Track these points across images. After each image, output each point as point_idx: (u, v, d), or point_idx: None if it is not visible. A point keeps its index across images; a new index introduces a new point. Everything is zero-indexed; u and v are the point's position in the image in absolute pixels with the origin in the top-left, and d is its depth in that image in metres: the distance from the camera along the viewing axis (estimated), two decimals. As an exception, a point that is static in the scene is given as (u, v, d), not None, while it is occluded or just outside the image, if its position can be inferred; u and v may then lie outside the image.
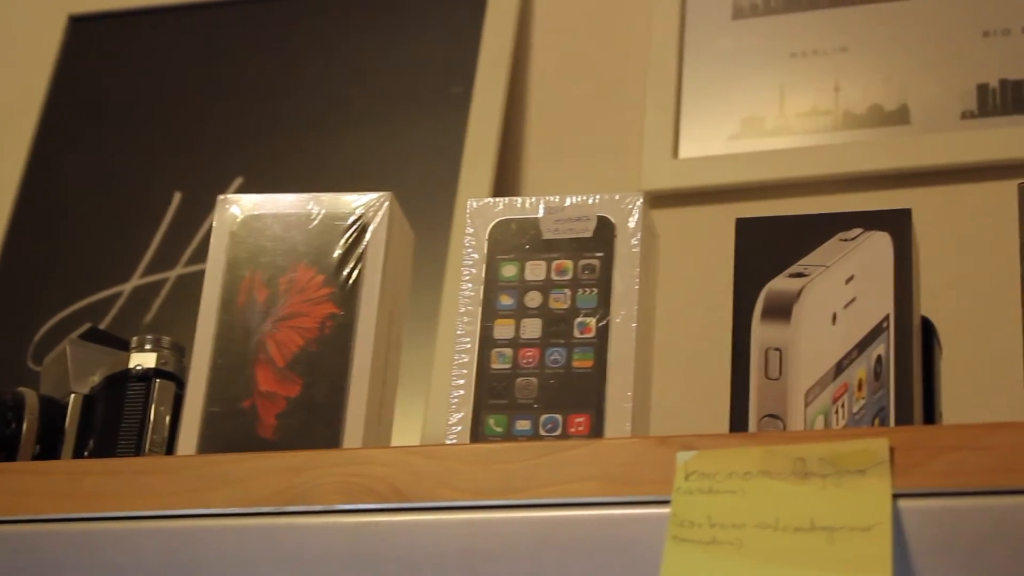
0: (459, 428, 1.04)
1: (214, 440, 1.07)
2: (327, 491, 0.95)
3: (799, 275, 1.01)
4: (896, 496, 0.83)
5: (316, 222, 1.12)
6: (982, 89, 1.49)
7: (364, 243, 1.11)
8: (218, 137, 1.72)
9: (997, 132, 1.46)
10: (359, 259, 1.11)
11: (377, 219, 1.12)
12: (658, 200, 1.55)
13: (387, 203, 1.12)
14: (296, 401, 1.08)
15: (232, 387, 1.09)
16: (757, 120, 1.56)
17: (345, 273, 1.10)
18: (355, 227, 1.12)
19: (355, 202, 1.13)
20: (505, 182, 1.62)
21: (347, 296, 1.10)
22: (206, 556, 0.96)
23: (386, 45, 1.72)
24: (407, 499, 0.94)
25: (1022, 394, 0.98)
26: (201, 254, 1.17)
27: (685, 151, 1.57)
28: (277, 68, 1.75)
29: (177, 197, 1.69)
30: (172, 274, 1.65)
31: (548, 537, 0.91)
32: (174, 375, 1.14)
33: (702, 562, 0.83)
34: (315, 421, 1.07)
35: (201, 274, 1.13)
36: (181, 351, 1.15)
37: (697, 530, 0.85)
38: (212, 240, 1.14)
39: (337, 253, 1.11)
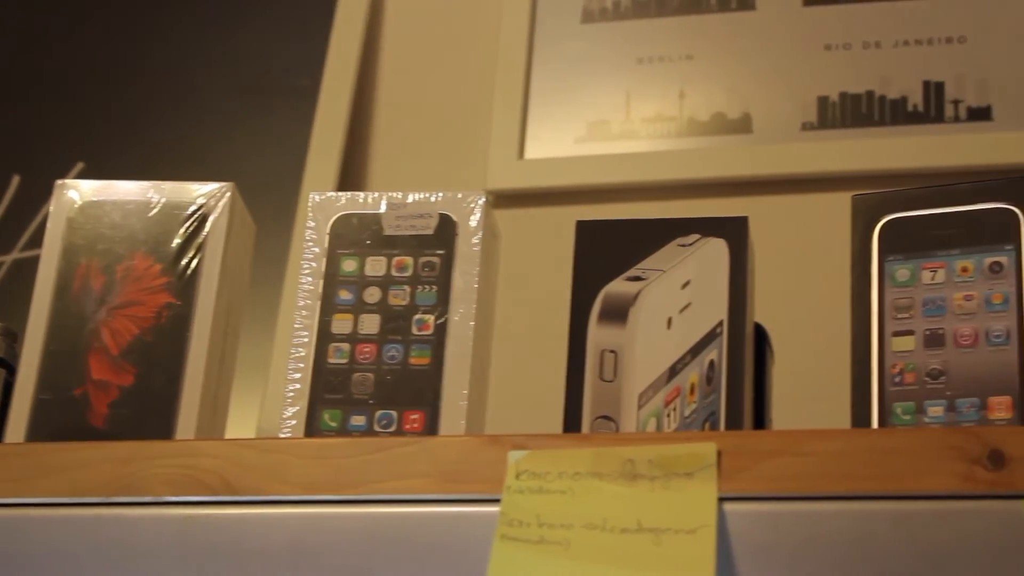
0: (293, 422, 1.03)
1: (44, 428, 1.06)
2: (156, 482, 0.94)
3: (636, 279, 1.02)
4: (722, 499, 0.85)
5: (156, 211, 1.11)
6: (823, 101, 1.52)
7: (204, 233, 1.10)
8: (59, 121, 1.70)
9: (835, 144, 1.49)
10: (198, 249, 1.10)
11: (218, 209, 1.11)
12: (503, 200, 1.56)
13: (228, 194, 1.12)
14: (129, 391, 1.06)
15: (64, 375, 1.07)
16: (603, 124, 1.57)
17: (183, 263, 1.09)
18: (195, 217, 1.11)
19: (196, 192, 1.12)
20: (351, 177, 1.62)
21: (185, 286, 1.09)
22: (31, 546, 0.95)
23: (234, 34, 1.71)
24: (237, 492, 0.93)
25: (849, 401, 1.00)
26: (38, 239, 1.15)
27: (531, 152, 1.58)
28: (121, 53, 1.73)
29: (15, 180, 1.66)
30: (8, 259, 1.62)
31: (378, 533, 0.91)
32: (5, 361, 1.12)
33: (529, 561, 0.84)
34: (148, 411, 1.06)
35: (37, 259, 1.11)
36: (13, 337, 1.13)
37: (525, 529, 0.85)
38: (48, 225, 1.12)
39: (176, 242, 1.10)
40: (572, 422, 0.99)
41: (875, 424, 0.94)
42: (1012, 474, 0.82)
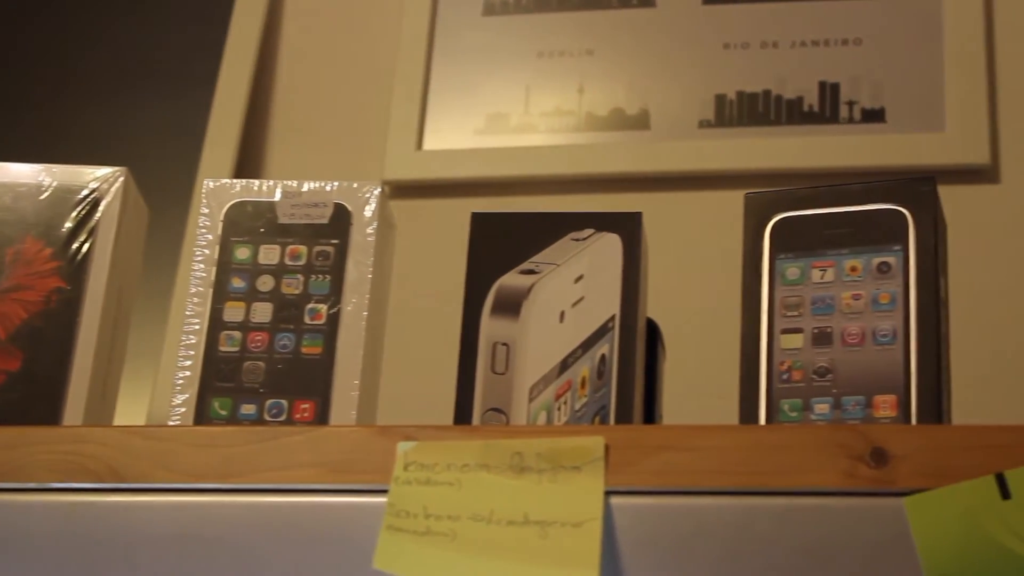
0: (183, 410, 1.02)
1: (-72, 412, 1.04)
2: (41, 468, 0.93)
3: (530, 272, 1.02)
4: (609, 493, 0.85)
5: (47, 194, 1.10)
6: (720, 99, 1.53)
7: (96, 218, 1.09)
8: (-48, 101, 1.68)
9: (731, 142, 1.51)
10: (90, 234, 1.09)
11: (110, 194, 1.10)
12: (400, 191, 1.56)
13: (122, 178, 1.11)
14: (16, 375, 1.05)
15: (-49, 359, 1.06)
16: (502, 117, 1.57)
17: (74, 247, 1.08)
18: (87, 201, 1.10)
19: (89, 176, 1.11)
20: (248, 165, 1.61)
21: (75, 271, 1.08)
22: (-88, 531, 0.94)
23: (132, 18, 1.69)
24: (123, 480, 0.92)
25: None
26: (-74, 221, 1.13)
27: (429, 143, 1.58)
28: (15, 36, 1.71)
29: (-95, 161, 1.64)
30: None
31: (266, 523, 0.90)
32: None
33: (415, 552, 0.84)
34: (35, 396, 1.04)
35: (-76, 241, 1.10)
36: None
37: (412, 520, 0.85)
38: (-63, 208, 1.10)
39: (67, 227, 1.09)
40: (463, 414, 0.99)
41: (763, 420, 0.95)
42: (894, 471, 0.83)
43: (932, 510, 0.82)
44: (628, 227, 1.03)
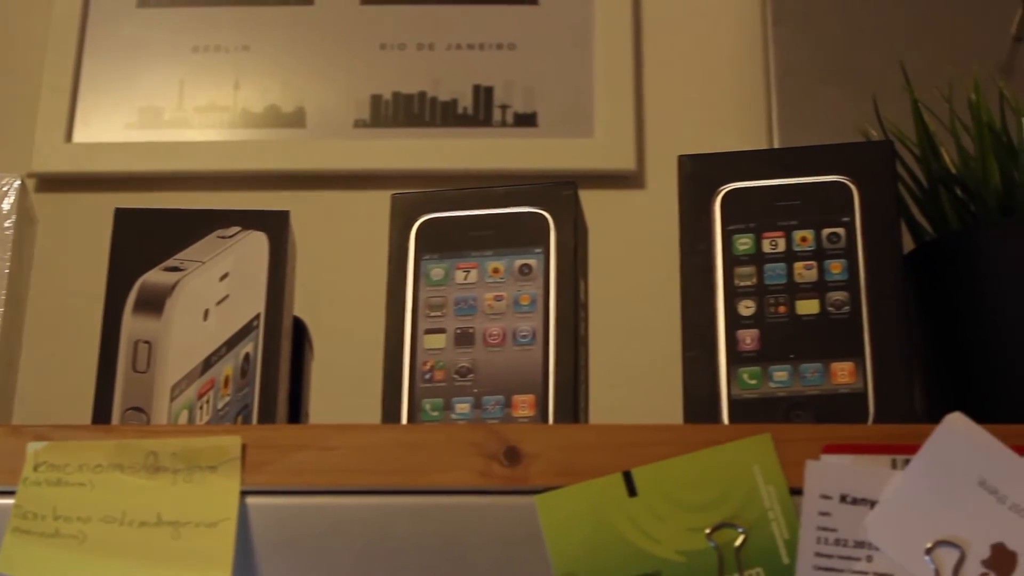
0: None
1: None
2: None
3: (174, 269, 1.01)
4: (245, 493, 0.85)
5: None
6: (376, 100, 1.54)
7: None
8: None
9: (386, 143, 1.51)
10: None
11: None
12: (48, 184, 1.52)
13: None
14: None
15: None
16: (155, 111, 1.55)
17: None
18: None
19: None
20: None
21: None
22: None
23: None
24: None
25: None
26: None
27: (80, 136, 1.54)
28: None
29: None
30: None
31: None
32: None
33: (42, 555, 0.82)
34: None
35: None
36: None
37: (40, 522, 0.83)
38: None
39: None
40: (101, 413, 0.97)
41: (404, 420, 0.96)
42: (526, 470, 0.85)
43: (562, 507, 0.84)
44: (275, 225, 1.03)
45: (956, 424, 0.84)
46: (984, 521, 0.82)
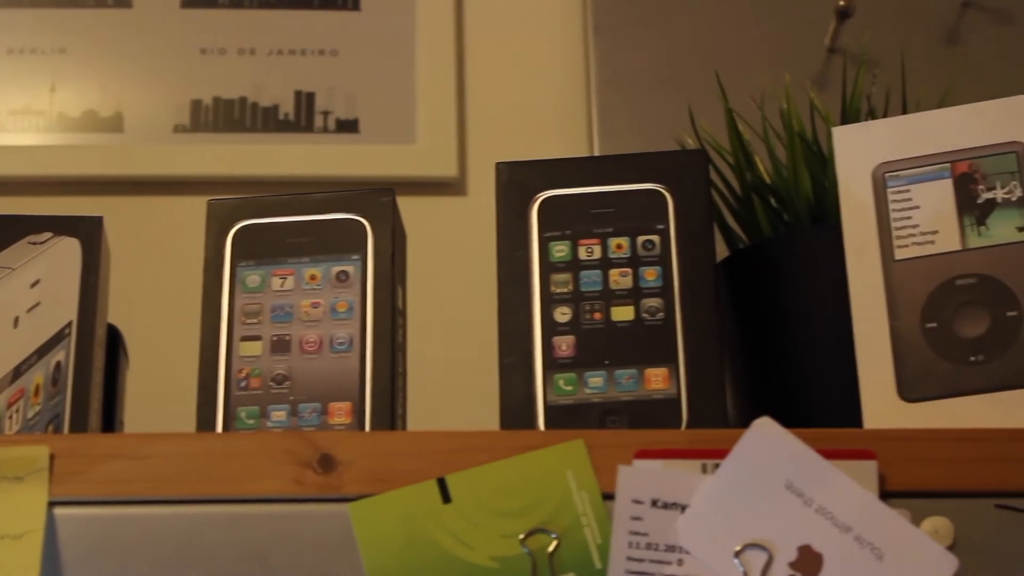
0: None
1: None
2: None
3: (-17, 276, 0.99)
4: (53, 504, 0.83)
5: None
6: (196, 105, 1.52)
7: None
8: None
9: (206, 148, 1.50)
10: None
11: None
12: None
13: None
14: None
15: None
16: (-31, 114, 1.52)
17: None
18: None
19: None
20: None
21: None
22: None
23: None
24: None
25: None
26: None
27: None
28: None
29: None
30: None
31: None
32: None
33: None
34: None
35: None
36: None
37: None
38: None
39: None
40: (-92, 425, 0.95)
41: (220, 428, 0.95)
42: (340, 478, 0.85)
43: (375, 515, 0.84)
44: (87, 231, 1.02)
45: (764, 429, 0.85)
46: (791, 523, 0.83)
